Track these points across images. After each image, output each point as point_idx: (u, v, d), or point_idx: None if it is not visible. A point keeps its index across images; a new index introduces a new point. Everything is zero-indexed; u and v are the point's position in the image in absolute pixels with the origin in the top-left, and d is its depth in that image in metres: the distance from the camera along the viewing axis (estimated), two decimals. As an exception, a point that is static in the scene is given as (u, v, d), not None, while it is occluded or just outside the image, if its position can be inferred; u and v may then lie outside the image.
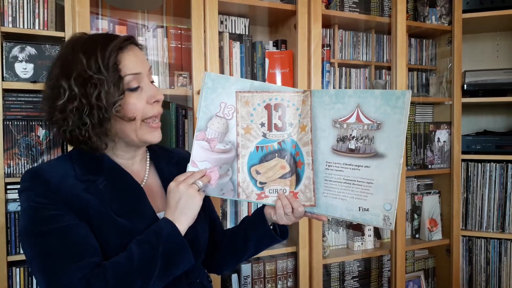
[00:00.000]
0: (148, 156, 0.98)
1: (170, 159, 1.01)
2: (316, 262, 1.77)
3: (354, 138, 0.90)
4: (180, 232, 0.83)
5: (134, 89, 0.84)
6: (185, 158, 0.98)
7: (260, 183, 0.94)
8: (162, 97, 0.89)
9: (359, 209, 0.89)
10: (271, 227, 1.00)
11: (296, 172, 0.95)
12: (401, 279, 1.95)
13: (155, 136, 0.89)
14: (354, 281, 2.03)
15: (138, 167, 0.94)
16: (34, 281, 1.45)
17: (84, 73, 0.79)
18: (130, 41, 0.86)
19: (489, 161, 2.10)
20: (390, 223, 0.87)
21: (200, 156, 0.92)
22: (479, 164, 2.12)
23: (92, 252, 0.78)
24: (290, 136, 0.94)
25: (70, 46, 0.84)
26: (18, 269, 1.43)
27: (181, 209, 0.84)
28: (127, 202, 0.85)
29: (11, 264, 1.43)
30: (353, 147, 0.90)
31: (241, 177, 0.93)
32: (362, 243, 2.00)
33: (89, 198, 0.81)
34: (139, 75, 0.85)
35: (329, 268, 1.95)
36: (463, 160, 2.10)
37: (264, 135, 0.94)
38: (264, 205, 0.99)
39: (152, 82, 0.90)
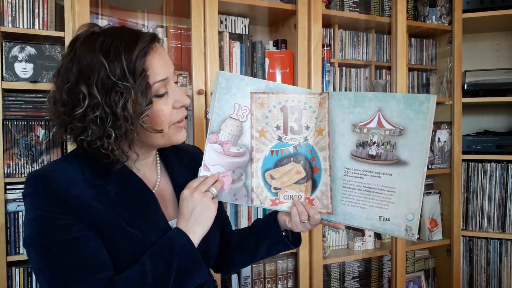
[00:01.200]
0: (158, 159, 0.92)
1: (181, 159, 0.96)
2: (316, 262, 1.77)
3: (375, 144, 0.85)
4: (193, 244, 0.79)
5: (161, 95, 0.78)
6: (196, 157, 0.95)
7: (275, 188, 0.90)
8: (188, 102, 0.83)
9: (380, 218, 0.85)
10: (283, 233, 0.96)
11: (312, 178, 0.91)
12: (401, 279, 1.95)
13: (181, 136, 0.84)
14: (354, 281, 2.02)
15: (150, 170, 0.89)
16: (34, 281, 1.45)
17: (107, 79, 0.71)
18: (155, 40, 0.79)
19: (490, 161, 2.10)
20: (413, 234, 0.83)
21: (213, 159, 0.88)
22: (480, 164, 2.11)
23: (103, 266, 0.73)
24: (306, 140, 0.90)
25: (87, 45, 0.74)
26: (17, 269, 1.43)
27: (195, 219, 0.80)
28: (139, 211, 0.80)
29: (10, 264, 1.43)
30: (374, 153, 0.86)
31: (255, 182, 0.89)
32: (362, 244, 2.00)
33: (99, 207, 0.75)
34: (166, 80, 0.79)
35: (329, 269, 1.95)
36: (463, 160, 2.10)
37: (280, 138, 0.90)
38: (277, 211, 0.95)
39: (176, 83, 0.84)
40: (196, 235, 0.80)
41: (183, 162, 0.96)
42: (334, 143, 0.89)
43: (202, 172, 0.87)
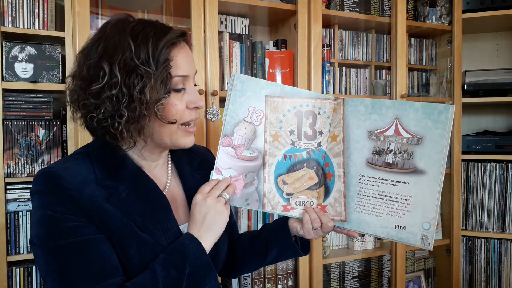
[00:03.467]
0: (169, 160, 0.91)
1: (192, 161, 0.95)
2: (316, 262, 1.77)
3: (392, 152, 0.85)
4: (206, 252, 0.77)
5: (178, 90, 0.78)
6: (207, 160, 0.94)
7: (287, 194, 0.89)
8: (203, 105, 0.83)
9: (395, 227, 0.85)
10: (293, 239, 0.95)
11: (325, 184, 0.90)
12: (401, 279, 1.95)
13: (189, 141, 0.83)
14: (354, 281, 2.02)
15: (160, 171, 0.88)
16: (34, 281, 1.45)
17: (131, 60, 0.72)
18: (184, 37, 0.80)
19: (489, 161, 2.10)
20: (429, 243, 0.82)
21: (225, 163, 0.86)
22: (479, 164, 2.11)
23: (114, 271, 0.72)
24: (320, 146, 0.89)
25: (118, 27, 0.75)
26: (18, 269, 1.43)
27: (208, 225, 0.78)
28: (151, 215, 0.78)
29: (11, 264, 1.43)
30: (390, 161, 0.85)
31: (267, 187, 0.88)
32: (362, 243, 2.00)
33: (111, 210, 0.74)
34: (186, 77, 0.80)
35: (329, 268, 1.95)
36: (463, 160, 2.10)
37: (293, 143, 0.89)
38: (287, 216, 0.93)
39: (195, 85, 0.84)
40: (208, 241, 0.78)
41: (194, 164, 0.94)
42: (349, 150, 0.88)
43: (214, 175, 0.86)
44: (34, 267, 1.45)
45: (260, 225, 1.77)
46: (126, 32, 0.74)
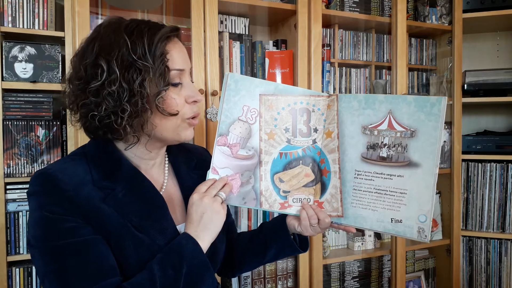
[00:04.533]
0: (166, 160, 0.91)
1: (189, 161, 0.95)
2: (316, 262, 1.77)
3: (386, 146, 0.86)
4: (203, 251, 0.77)
5: (175, 85, 0.79)
6: (204, 160, 0.95)
7: (284, 191, 0.89)
8: (201, 98, 0.83)
9: (392, 220, 0.85)
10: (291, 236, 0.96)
11: (321, 181, 0.90)
12: (401, 279, 1.95)
13: (189, 134, 0.83)
14: (354, 281, 2.02)
15: (157, 171, 0.88)
16: (34, 281, 1.45)
17: (128, 56, 0.72)
18: (176, 32, 0.81)
19: (490, 161, 2.10)
20: (425, 236, 0.83)
21: (222, 162, 0.87)
22: (480, 164, 2.11)
23: (111, 271, 0.72)
24: (315, 143, 0.90)
25: (111, 27, 0.76)
26: (17, 269, 1.43)
27: (205, 224, 0.78)
28: (147, 215, 0.78)
29: (10, 264, 1.43)
30: (384, 155, 0.86)
31: (264, 185, 0.88)
32: (362, 243, 2.00)
33: (107, 210, 0.74)
34: (182, 72, 0.80)
35: (329, 268, 1.95)
36: (463, 160, 2.10)
37: (288, 141, 0.89)
38: (285, 214, 0.94)
39: (192, 82, 0.84)
40: (205, 241, 0.78)
41: (191, 164, 0.95)
42: (343, 146, 0.89)
43: (210, 175, 0.86)
44: (34, 267, 1.45)
45: (260, 225, 1.77)
46: (121, 30, 0.74)
